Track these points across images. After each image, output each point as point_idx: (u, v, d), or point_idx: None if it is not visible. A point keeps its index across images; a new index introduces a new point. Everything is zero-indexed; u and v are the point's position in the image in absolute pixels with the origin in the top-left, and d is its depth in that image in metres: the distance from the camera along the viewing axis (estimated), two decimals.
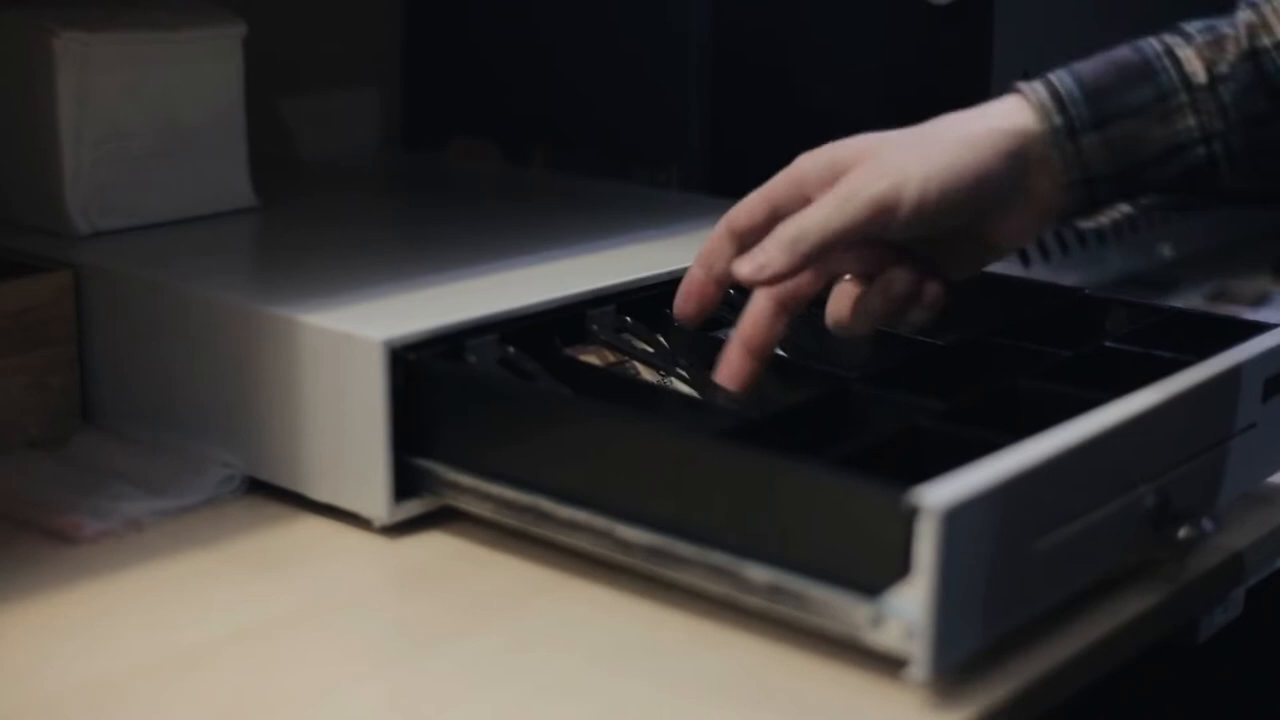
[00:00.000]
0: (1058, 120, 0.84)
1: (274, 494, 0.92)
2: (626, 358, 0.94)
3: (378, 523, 0.88)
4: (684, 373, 0.93)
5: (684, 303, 0.90)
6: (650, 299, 0.99)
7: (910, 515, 0.69)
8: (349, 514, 0.89)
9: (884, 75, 1.27)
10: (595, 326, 0.96)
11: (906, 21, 1.24)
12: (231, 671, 0.75)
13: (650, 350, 0.96)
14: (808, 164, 0.87)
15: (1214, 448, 0.86)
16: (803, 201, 0.85)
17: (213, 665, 0.75)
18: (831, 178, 0.85)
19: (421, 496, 0.88)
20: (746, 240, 0.86)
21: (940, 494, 0.69)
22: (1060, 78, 0.85)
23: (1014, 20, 1.23)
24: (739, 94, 1.34)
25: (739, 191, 0.94)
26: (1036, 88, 0.86)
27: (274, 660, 0.76)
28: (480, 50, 1.48)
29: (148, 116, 1.12)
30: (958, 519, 0.69)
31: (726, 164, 1.35)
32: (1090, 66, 0.85)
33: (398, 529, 0.88)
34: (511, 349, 0.91)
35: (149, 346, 0.98)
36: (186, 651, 0.77)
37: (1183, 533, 0.83)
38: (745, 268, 0.84)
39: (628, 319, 0.97)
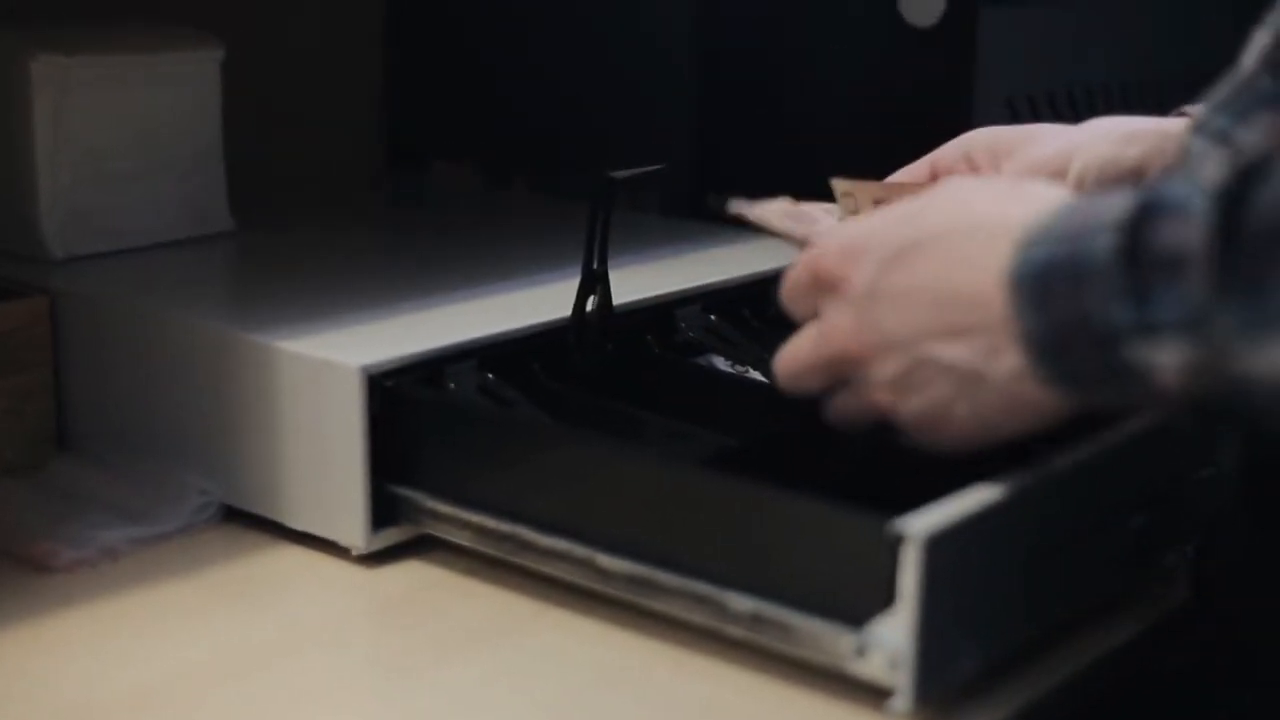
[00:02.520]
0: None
1: (251, 522, 0.91)
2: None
3: (355, 551, 0.87)
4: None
5: None
6: (629, 325, 0.98)
7: (894, 544, 0.69)
8: (327, 542, 0.88)
9: (869, 99, 1.27)
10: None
11: (890, 45, 1.23)
12: (209, 702, 0.74)
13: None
14: (976, 136, 0.91)
15: (1201, 473, 0.85)
16: (968, 170, 0.90)
17: (190, 696, 0.75)
18: (992, 155, 0.89)
19: (400, 525, 0.87)
20: None
21: (924, 522, 0.69)
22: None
23: (996, 42, 1.23)
24: (724, 119, 1.34)
25: (723, 218, 0.93)
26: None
27: (251, 691, 0.75)
28: (463, 75, 1.48)
29: (125, 140, 1.11)
30: (941, 547, 0.69)
31: (710, 187, 1.34)
32: None
33: (376, 558, 0.87)
34: (491, 376, 0.90)
35: (125, 372, 0.97)
36: (163, 682, 0.76)
37: (1170, 559, 0.82)
38: None
39: (608, 345, 0.97)
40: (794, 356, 0.77)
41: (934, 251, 0.71)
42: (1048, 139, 0.88)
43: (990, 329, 0.68)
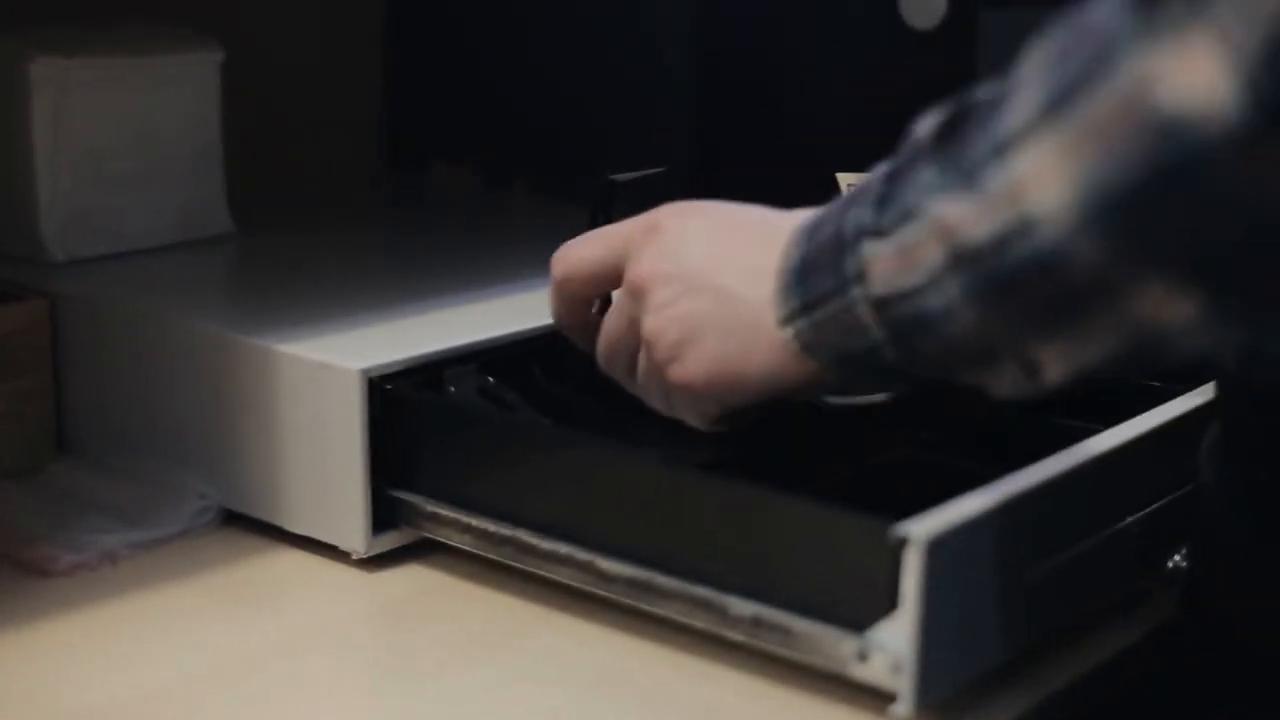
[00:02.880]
0: None
1: (251, 525, 0.91)
2: None
3: (355, 555, 0.87)
4: None
5: None
6: None
7: (897, 547, 0.68)
8: (326, 546, 0.88)
9: (869, 101, 1.26)
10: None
11: (891, 46, 1.23)
12: (208, 708, 0.74)
13: None
14: None
15: (1200, 478, 0.85)
16: None
17: (189, 700, 0.74)
18: None
19: (400, 529, 0.87)
20: None
21: (927, 525, 0.68)
22: None
23: (997, 44, 1.22)
24: (724, 120, 1.34)
25: None
26: None
27: (251, 695, 0.75)
28: (463, 76, 1.47)
29: (125, 142, 1.11)
30: (944, 551, 0.68)
31: (712, 190, 1.34)
32: None
33: (376, 561, 0.87)
34: (491, 379, 0.90)
35: (125, 375, 0.97)
36: (161, 688, 0.75)
37: (1172, 563, 0.82)
38: None
39: None
40: (610, 311, 0.80)
41: (761, 211, 0.76)
42: None
43: (765, 262, 0.71)
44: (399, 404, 0.86)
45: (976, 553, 0.71)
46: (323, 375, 0.86)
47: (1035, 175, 0.58)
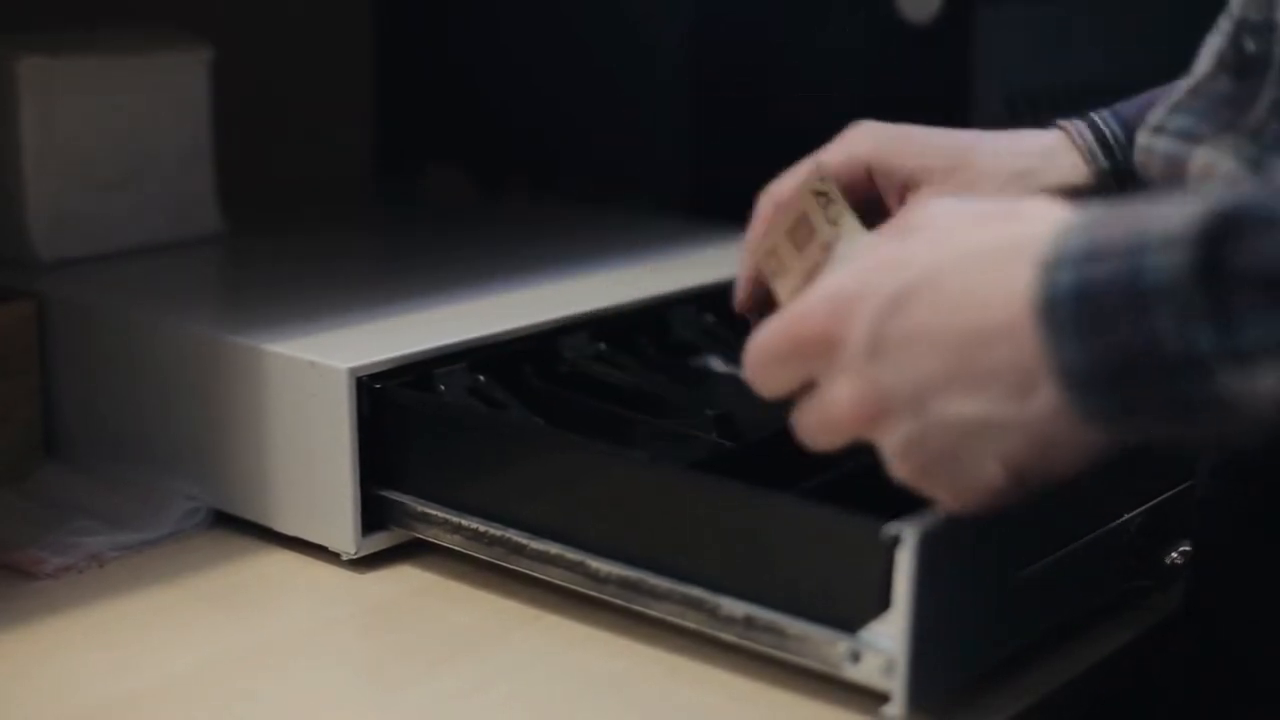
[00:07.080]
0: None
1: (240, 527, 0.91)
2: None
3: (345, 556, 0.86)
4: None
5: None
6: (622, 326, 0.97)
7: (890, 546, 0.68)
8: (316, 547, 0.88)
9: (865, 97, 1.26)
10: (568, 354, 0.94)
11: (887, 42, 1.23)
12: (196, 709, 0.73)
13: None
14: (859, 141, 0.91)
15: (1198, 477, 0.85)
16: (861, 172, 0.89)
17: (179, 702, 0.74)
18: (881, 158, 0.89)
19: (390, 529, 0.87)
20: None
21: (919, 525, 0.68)
22: None
23: (995, 39, 1.22)
24: (719, 120, 1.33)
25: (719, 216, 0.93)
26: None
27: (239, 698, 0.74)
28: (456, 78, 1.47)
29: (113, 142, 1.10)
30: (936, 549, 0.68)
31: (707, 189, 1.34)
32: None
33: (366, 562, 0.87)
34: (481, 378, 0.90)
35: (114, 377, 0.96)
36: (151, 689, 0.75)
37: (1168, 561, 0.81)
38: None
39: (601, 345, 0.96)
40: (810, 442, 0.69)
41: (932, 291, 0.62)
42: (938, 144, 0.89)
43: (1015, 367, 0.60)
44: (388, 403, 0.85)
45: (969, 552, 0.70)
46: (311, 374, 0.86)
47: None
